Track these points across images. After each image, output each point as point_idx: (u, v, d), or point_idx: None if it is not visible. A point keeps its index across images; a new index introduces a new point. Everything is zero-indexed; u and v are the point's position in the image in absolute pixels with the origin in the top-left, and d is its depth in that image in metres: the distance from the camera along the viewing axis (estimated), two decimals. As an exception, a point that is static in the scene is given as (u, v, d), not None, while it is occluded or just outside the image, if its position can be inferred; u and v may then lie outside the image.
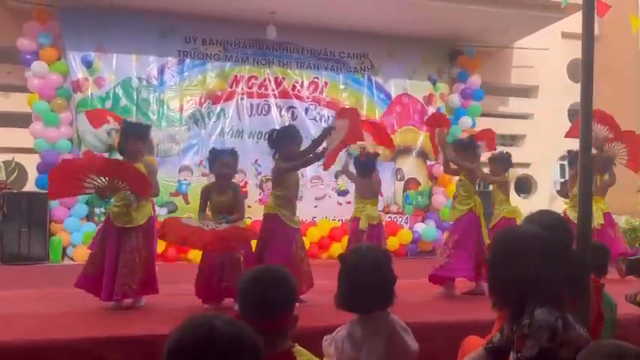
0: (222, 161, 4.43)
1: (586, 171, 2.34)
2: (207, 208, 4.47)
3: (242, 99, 8.81)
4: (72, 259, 7.79)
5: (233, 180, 4.56)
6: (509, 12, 8.43)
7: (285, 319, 1.71)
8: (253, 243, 4.46)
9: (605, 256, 3.23)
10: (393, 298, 2.02)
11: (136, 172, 4.28)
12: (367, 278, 1.97)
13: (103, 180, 4.18)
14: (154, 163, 4.55)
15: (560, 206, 9.38)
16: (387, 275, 2.03)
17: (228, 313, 1.28)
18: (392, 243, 8.65)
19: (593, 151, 6.30)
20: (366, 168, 5.51)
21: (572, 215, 6.59)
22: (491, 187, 6.45)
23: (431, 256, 9.08)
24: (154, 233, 4.61)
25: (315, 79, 9.18)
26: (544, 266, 1.75)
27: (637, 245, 8.24)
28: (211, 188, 4.49)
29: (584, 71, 2.39)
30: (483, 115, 9.88)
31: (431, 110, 9.65)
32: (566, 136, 6.06)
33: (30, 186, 8.15)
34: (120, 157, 4.54)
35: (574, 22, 8.79)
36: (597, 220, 5.78)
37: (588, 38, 2.39)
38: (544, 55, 10.17)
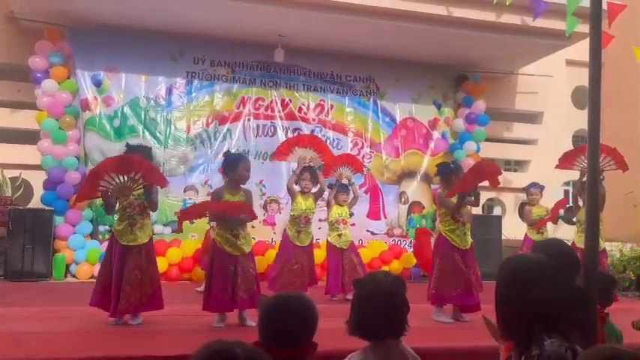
0: (245, 165, 4.72)
1: (593, 198, 2.35)
2: None
3: (249, 120, 8.88)
4: (75, 276, 7.77)
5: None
6: (514, 39, 8.51)
7: (307, 346, 1.71)
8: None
9: (611, 285, 3.20)
10: (406, 327, 2.01)
11: (150, 164, 4.45)
12: (382, 306, 1.97)
13: (120, 179, 4.33)
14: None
15: (564, 232, 9.36)
16: (402, 303, 2.02)
17: (247, 341, 1.29)
18: (395, 266, 8.63)
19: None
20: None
21: (534, 235, 6.90)
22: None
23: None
24: (154, 251, 4.72)
25: (322, 102, 9.26)
26: (550, 295, 1.75)
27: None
28: (223, 190, 4.73)
29: (591, 99, 2.41)
30: (488, 140, 9.91)
31: (435, 135, 9.70)
32: (556, 167, 6.25)
33: (35, 202, 8.19)
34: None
35: (578, 50, 8.90)
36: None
37: (595, 67, 2.42)
38: (549, 81, 10.24)
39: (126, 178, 4.35)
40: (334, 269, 6.37)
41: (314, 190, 6.16)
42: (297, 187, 6.15)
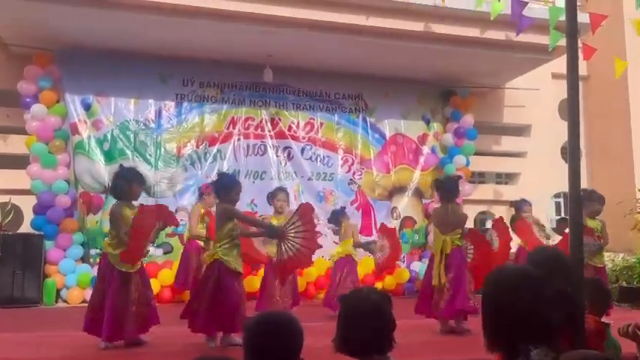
0: (238, 190, 4.85)
1: (576, 210, 2.38)
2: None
3: (239, 140, 8.90)
4: (66, 301, 7.69)
5: None
6: (499, 54, 8.64)
7: None
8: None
9: (605, 294, 3.16)
10: (393, 343, 2.00)
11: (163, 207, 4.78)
12: (367, 322, 1.96)
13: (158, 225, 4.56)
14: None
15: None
16: (387, 319, 2.01)
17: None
18: (389, 282, 8.61)
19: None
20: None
21: None
22: None
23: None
24: (147, 274, 4.75)
25: (311, 120, 9.31)
26: (535, 305, 1.76)
27: (634, 283, 8.20)
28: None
29: (570, 112, 2.46)
30: (477, 153, 9.99)
31: (425, 150, 9.77)
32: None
33: (25, 227, 8.13)
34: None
35: (563, 64, 8.98)
36: None
37: (573, 81, 2.48)
38: (535, 95, 10.37)
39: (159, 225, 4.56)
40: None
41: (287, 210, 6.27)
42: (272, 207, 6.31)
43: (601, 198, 6.25)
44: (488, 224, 10.72)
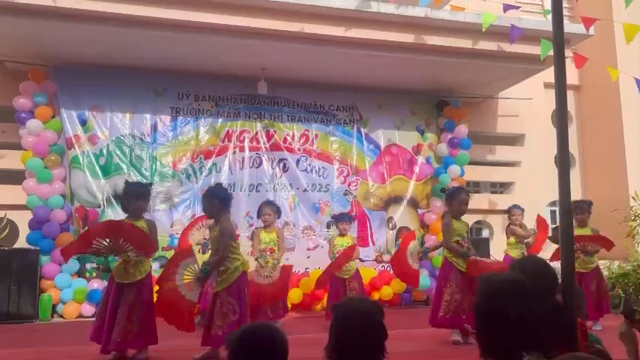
0: None
1: (567, 216, 2.41)
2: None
3: (234, 153, 8.93)
4: (62, 316, 7.65)
5: None
6: (491, 65, 8.71)
7: None
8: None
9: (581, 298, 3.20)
10: (385, 353, 2.01)
11: (141, 232, 4.48)
12: (358, 331, 1.97)
13: (108, 242, 4.39)
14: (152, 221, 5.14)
15: (552, 252, 9.41)
16: (379, 329, 2.02)
17: None
18: (386, 292, 8.61)
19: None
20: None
21: (514, 254, 7.45)
22: None
23: (425, 306, 9.00)
24: (151, 287, 4.73)
25: (306, 132, 9.35)
26: (526, 314, 1.79)
27: (630, 290, 8.22)
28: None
29: (559, 120, 2.50)
30: (472, 163, 10.04)
31: (420, 160, 9.82)
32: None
33: (21, 242, 8.10)
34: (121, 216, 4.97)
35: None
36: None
37: (561, 90, 2.52)
38: (528, 104, 10.45)
39: (120, 242, 4.44)
40: (335, 297, 6.51)
41: (278, 223, 6.70)
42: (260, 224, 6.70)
43: (589, 206, 6.64)
44: (484, 234, 10.77)
